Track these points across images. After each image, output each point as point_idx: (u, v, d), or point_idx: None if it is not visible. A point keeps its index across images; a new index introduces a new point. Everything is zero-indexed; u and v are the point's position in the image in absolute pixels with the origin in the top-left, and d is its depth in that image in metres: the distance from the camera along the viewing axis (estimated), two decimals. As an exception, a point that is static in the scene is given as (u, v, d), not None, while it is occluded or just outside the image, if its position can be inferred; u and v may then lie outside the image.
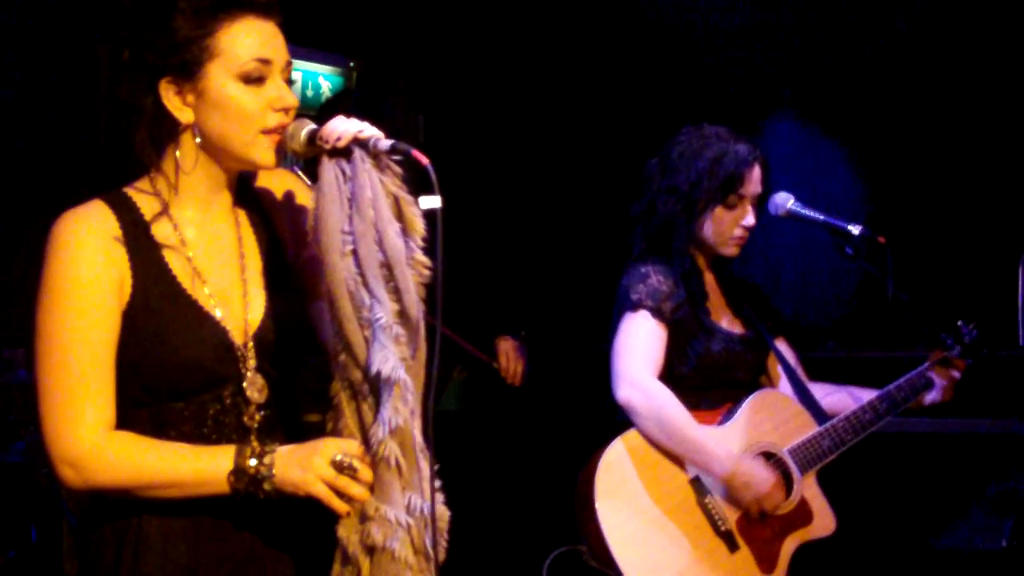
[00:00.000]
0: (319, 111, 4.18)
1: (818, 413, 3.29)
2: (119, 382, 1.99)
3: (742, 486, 3.10)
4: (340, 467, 1.93)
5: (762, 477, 3.12)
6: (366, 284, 1.93)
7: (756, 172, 3.23)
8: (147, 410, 2.00)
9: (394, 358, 1.91)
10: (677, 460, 3.13)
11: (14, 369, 3.73)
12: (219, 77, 1.98)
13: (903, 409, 3.33)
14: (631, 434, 3.12)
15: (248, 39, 1.99)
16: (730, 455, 3.11)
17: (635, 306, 3.15)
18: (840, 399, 3.37)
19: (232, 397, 2.03)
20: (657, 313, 3.14)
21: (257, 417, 2.04)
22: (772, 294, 3.60)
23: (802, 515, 3.21)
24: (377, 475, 1.93)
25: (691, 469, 3.14)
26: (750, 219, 3.24)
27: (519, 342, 4.15)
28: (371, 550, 1.93)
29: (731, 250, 3.27)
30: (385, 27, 5.78)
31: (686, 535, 3.09)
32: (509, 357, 4.10)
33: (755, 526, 3.15)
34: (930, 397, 3.35)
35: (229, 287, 2.07)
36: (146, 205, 2.04)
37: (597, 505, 3.04)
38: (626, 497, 3.07)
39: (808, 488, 3.23)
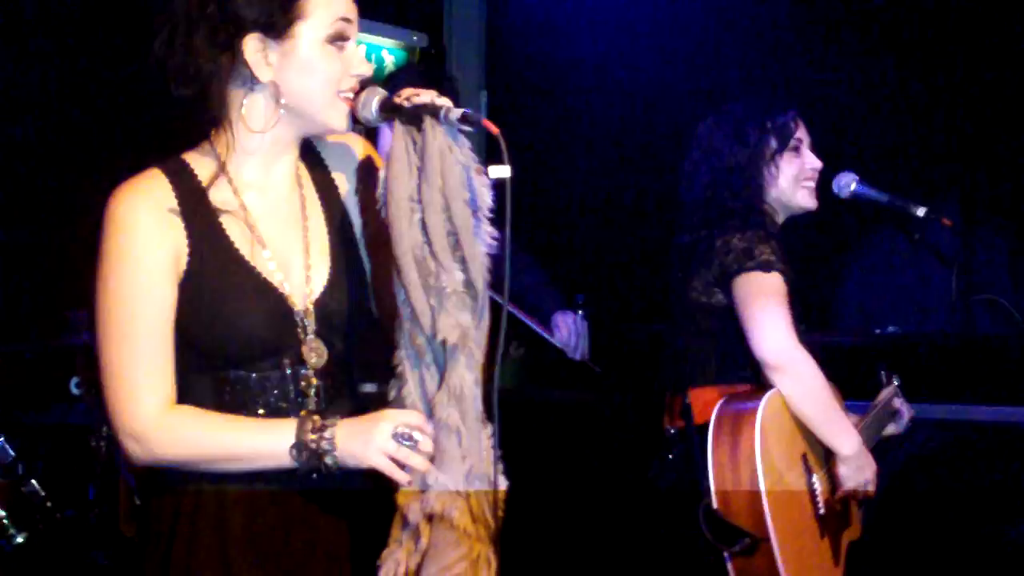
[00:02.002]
0: (383, 84, 4.19)
1: None
2: (179, 350, 2.00)
3: (858, 468, 3.06)
4: (401, 439, 1.93)
5: (872, 467, 3.10)
6: (433, 252, 1.93)
7: (799, 118, 3.22)
8: (208, 376, 2.01)
9: (460, 326, 1.92)
10: (795, 432, 3.04)
11: (78, 331, 3.76)
12: (307, 37, 1.98)
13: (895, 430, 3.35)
14: (776, 394, 3.00)
15: (334, 1, 1.99)
16: (859, 439, 3.07)
17: (767, 266, 3.02)
18: None
19: (292, 364, 2.03)
20: (787, 277, 3.04)
21: (315, 383, 2.05)
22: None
23: (848, 516, 3.20)
24: (438, 443, 1.94)
25: (803, 444, 3.05)
26: (816, 161, 3.21)
27: (579, 317, 4.14)
28: (430, 517, 1.94)
29: (808, 198, 3.20)
30: (448, 1, 5.79)
31: (799, 510, 3.02)
32: (570, 331, 4.09)
33: (832, 518, 3.11)
34: (890, 428, 3.35)
35: (291, 253, 2.06)
36: (205, 170, 2.04)
37: (759, 459, 2.90)
38: (775, 455, 2.96)
39: None
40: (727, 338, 3.11)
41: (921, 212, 3.26)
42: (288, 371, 2.03)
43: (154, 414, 1.96)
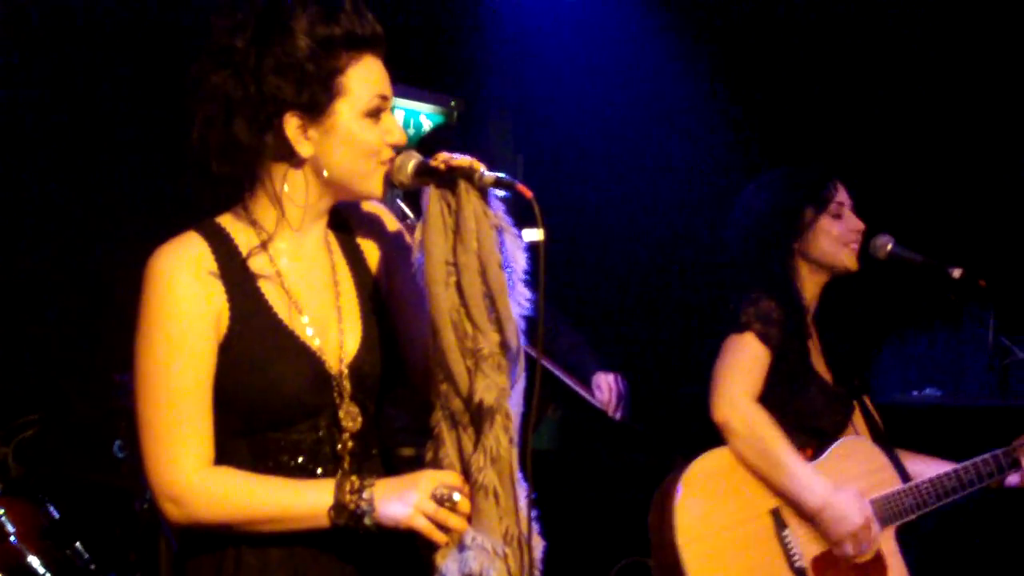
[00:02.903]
0: (419, 144, 4.26)
1: (902, 471, 3.26)
2: (218, 413, 2.01)
3: (835, 519, 3.07)
4: (440, 500, 1.94)
5: (856, 511, 3.08)
6: (469, 315, 1.95)
7: (839, 182, 3.28)
8: (246, 440, 2.03)
9: (496, 388, 1.94)
10: (760, 487, 3.09)
11: (122, 394, 3.79)
12: (347, 114, 2.01)
13: (986, 484, 3.27)
14: (717, 452, 3.09)
15: (371, 77, 2.03)
16: (826, 487, 3.08)
17: (742, 327, 3.11)
18: (920, 466, 3.33)
19: (328, 427, 2.06)
20: (764, 337, 3.11)
21: (351, 445, 2.06)
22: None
23: (877, 568, 3.17)
24: (475, 503, 1.95)
25: (773, 499, 3.09)
26: (859, 223, 3.26)
27: (619, 377, 4.15)
28: None
29: (849, 258, 3.25)
30: (486, 66, 5.86)
31: (759, 565, 3.05)
32: (611, 391, 4.09)
33: (831, 569, 3.10)
34: (1013, 479, 3.30)
35: (325, 317, 2.09)
36: (241, 235, 2.06)
37: (676, 519, 3.00)
38: (705, 515, 3.04)
39: (886, 542, 3.19)
40: None
41: (957, 273, 3.27)
42: (322, 433, 2.05)
43: (193, 476, 1.97)
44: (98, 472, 3.95)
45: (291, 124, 2.00)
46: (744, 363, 3.10)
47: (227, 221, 2.08)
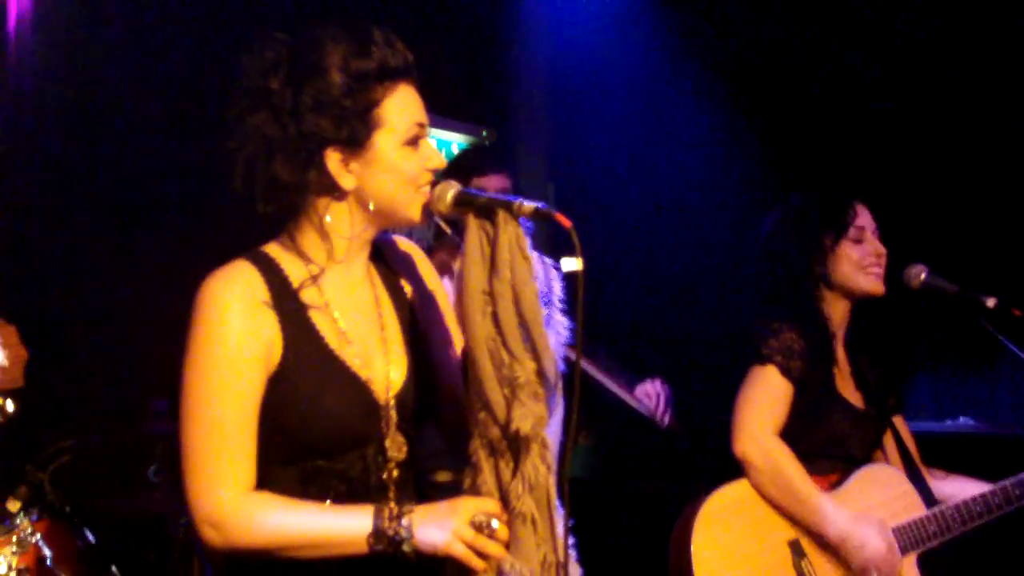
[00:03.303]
0: (448, 166, 4.27)
1: (928, 496, 3.25)
2: (266, 442, 2.02)
3: (856, 548, 3.07)
4: (479, 527, 1.96)
5: (878, 541, 3.09)
6: (505, 343, 1.96)
7: (862, 207, 3.27)
8: (294, 468, 2.04)
9: (533, 416, 1.95)
10: (778, 519, 3.10)
11: (158, 420, 3.83)
12: (386, 144, 2.04)
13: (1014, 508, 3.26)
14: (736, 486, 3.11)
15: (408, 106, 2.06)
16: (847, 518, 3.08)
17: (764, 360, 3.13)
18: (953, 487, 3.33)
19: (374, 455, 2.08)
20: (786, 371, 3.13)
21: (395, 474, 2.09)
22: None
23: None
24: (513, 530, 1.97)
25: (791, 530, 3.10)
26: (880, 247, 3.26)
27: (662, 382, 4.13)
28: None
29: (872, 283, 3.25)
30: (518, 97, 5.89)
31: None
32: (657, 395, 4.06)
33: None
34: None
35: (371, 348, 2.11)
36: (290, 266, 2.08)
37: (693, 553, 3.01)
38: (724, 548, 3.05)
39: (908, 569, 3.18)
40: None
41: (991, 303, 3.26)
42: (370, 461, 2.07)
43: (233, 501, 1.98)
44: (133, 497, 3.98)
45: (333, 159, 2.03)
46: (766, 397, 3.12)
47: (275, 251, 2.10)
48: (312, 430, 2.02)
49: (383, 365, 2.11)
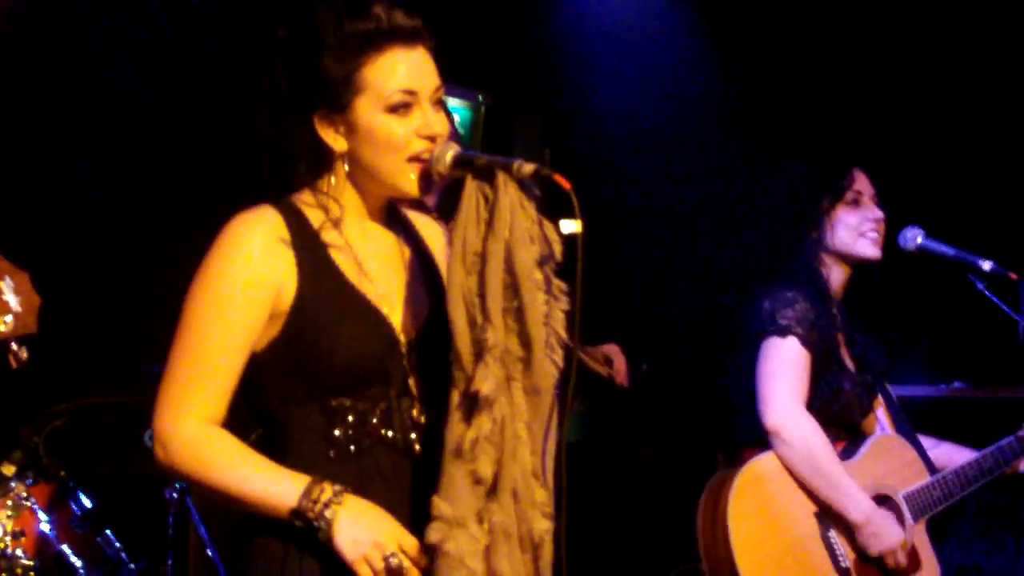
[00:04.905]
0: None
1: (929, 463, 3.28)
2: (287, 380, 2.02)
3: (872, 535, 3.09)
4: (389, 569, 1.94)
5: (892, 532, 3.11)
6: (483, 305, 1.94)
7: (860, 172, 3.26)
8: (316, 405, 2.02)
9: (494, 379, 1.92)
10: (805, 490, 3.11)
11: (152, 385, 3.81)
12: (366, 110, 2.03)
13: (1004, 471, 3.30)
14: (767, 457, 3.10)
15: (393, 72, 2.03)
16: (869, 504, 3.10)
17: (784, 331, 3.11)
18: (944, 452, 3.37)
19: (398, 395, 2.05)
20: (806, 341, 3.11)
21: (422, 419, 2.06)
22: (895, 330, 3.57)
23: (912, 562, 3.19)
24: (455, 481, 1.92)
25: (817, 502, 3.11)
26: (877, 211, 3.24)
27: (617, 346, 4.16)
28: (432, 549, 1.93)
29: (870, 248, 3.23)
30: (514, 60, 5.87)
31: (809, 567, 3.07)
32: (616, 359, 4.08)
33: (869, 567, 3.13)
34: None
35: (393, 291, 2.10)
36: (312, 214, 2.08)
37: (730, 524, 3.01)
38: (759, 520, 3.05)
39: (918, 535, 3.21)
40: None
41: (988, 266, 3.26)
42: (394, 399, 2.05)
43: (189, 430, 1.98)
44: (128, 461, 3.98)
45: (321, 121, 2.05)
46: (791, 369, 3.10)
47: (299, 200, 2.10)
48: (330, 361, 2.00)
49: (404, 307, 2.09)
